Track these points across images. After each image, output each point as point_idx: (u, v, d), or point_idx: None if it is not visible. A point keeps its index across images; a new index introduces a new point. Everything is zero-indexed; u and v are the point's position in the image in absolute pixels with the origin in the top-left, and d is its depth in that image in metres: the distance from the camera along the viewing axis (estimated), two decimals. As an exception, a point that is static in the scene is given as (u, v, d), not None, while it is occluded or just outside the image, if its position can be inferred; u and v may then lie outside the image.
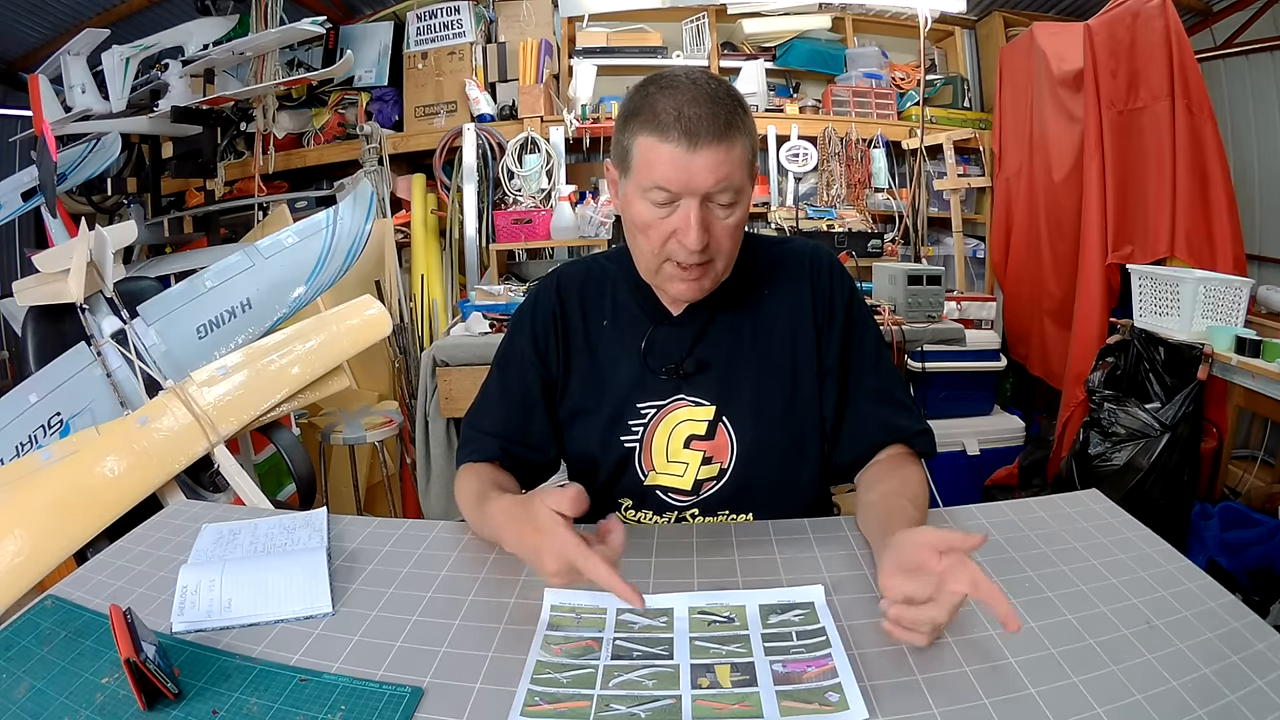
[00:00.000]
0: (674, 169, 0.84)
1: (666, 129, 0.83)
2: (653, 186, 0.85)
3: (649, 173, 0.85)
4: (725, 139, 0.83)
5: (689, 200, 0.85)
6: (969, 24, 3.96)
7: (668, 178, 0.84)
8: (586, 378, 1.01)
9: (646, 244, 0.90)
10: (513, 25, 3.64)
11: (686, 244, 0.86)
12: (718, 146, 0.83)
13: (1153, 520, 0.90)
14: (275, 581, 0.78)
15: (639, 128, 0.86)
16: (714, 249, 0.89)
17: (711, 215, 0.87)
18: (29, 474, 1.57)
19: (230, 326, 1.98)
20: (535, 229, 3.10)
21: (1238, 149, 3.29)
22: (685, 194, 0.85)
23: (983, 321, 3.05)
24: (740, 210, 0.89)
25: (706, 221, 0.86)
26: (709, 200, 0.86)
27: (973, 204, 3.94)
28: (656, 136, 0.84)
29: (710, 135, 0.82)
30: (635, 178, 0.88)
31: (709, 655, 0.67)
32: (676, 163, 0.83)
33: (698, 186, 0.84)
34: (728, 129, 0.83)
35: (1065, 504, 0.95)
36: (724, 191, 0.86)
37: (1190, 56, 2.61)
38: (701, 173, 0.83)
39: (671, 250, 0.88)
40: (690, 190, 0.84)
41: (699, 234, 0.85)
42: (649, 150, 0.85)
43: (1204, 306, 2.25)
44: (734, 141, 0.84)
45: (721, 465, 0.99)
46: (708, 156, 0.83)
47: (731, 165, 0.85)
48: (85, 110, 2.81)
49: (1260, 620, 0.70)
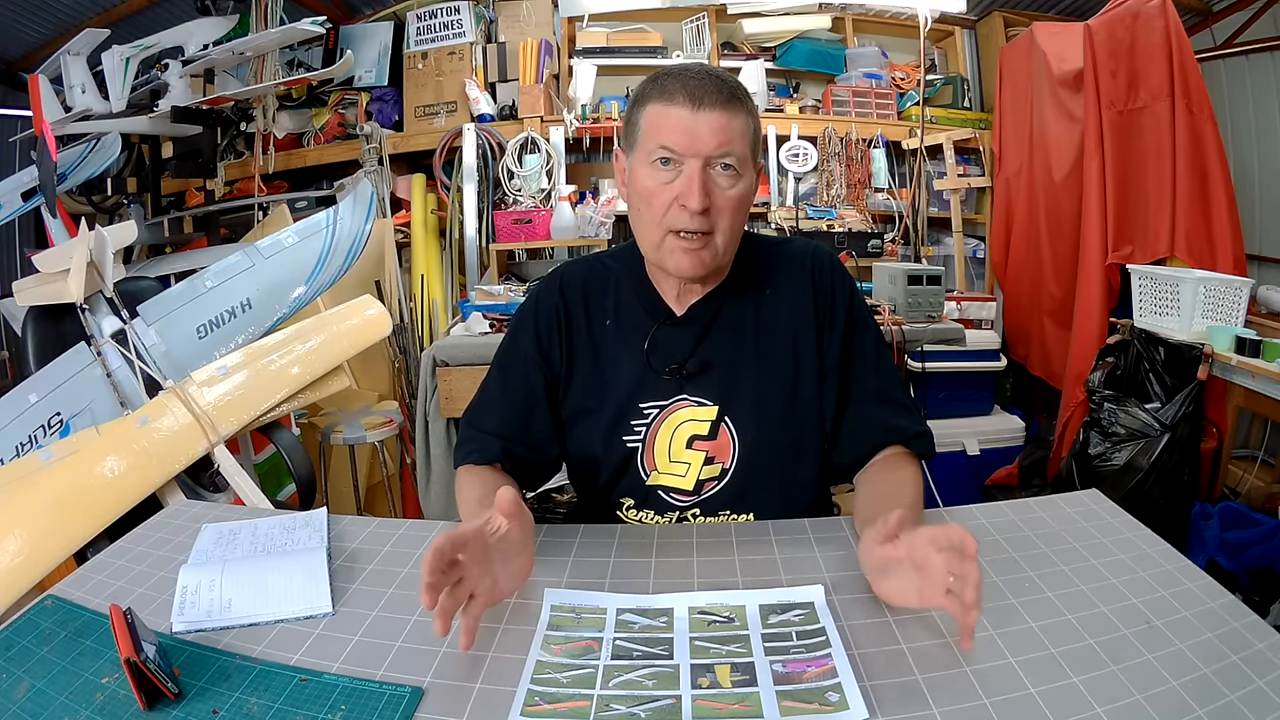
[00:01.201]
0: (679, 129, 0.88)
1: (673, 94, 0.89)
2: (657, 147, 0.90)
3: (655, 135, 0.90)
4: (729, 107, 0.88)
5: (692, 162, 0.89)
6: (969, 24, 3.96)
7: (673, 138, 0.89)
8: (589, 377, 1.01)
9: (650, 214, 0.93)
10: (513, 25, 3.64)
11: (689, 205, 0.89)
12: (721, 111, 0.88)
13: (1153, 520, 0.90)
14: (275, 581, 0.78)
15: (647, 100, 0.92)
16: (714, 217, 0.91)
17: (713, 182, 0.90)
18: (29, 474, 1.57)
19: (230, 326, 1.98)
20: (535, 229, 3.09)
21: (1238, 149, 3.29)
22: (689, 155, 0.89)
23: (983, 321, 3.05)
24: (743, 185, 0.92)
25: (708, 187, 0.89)
26: (711, 165, 0.89)
27: (973, 204, 3.93)
28: (664, 102, 0.89)
29: (715, 100, 0.88)
30: (642, 145, 0.92)
31: (709, 655, 0.67)
32: (682, 122, 0.88)
33: (701, 148, 0.88)
34: (731, 98, 0.89)
35: (1065, 504, 0.95)
36: (725, 156, 0.89)
37: (1190, 56, 2.61)
38: (705, 133, 0.88)
39: (674, 219, 0.91)
40: (693, 150, 0.88)
41: (700, 195, 0.88)
42: (656, 116, 0.90)
43: (1204, 306, 2.25)
44: (736, 111, 0.89)
45: (723, 465, 0.99)
46: (711, 119, 0.88)
47: (733, 132, 0.89)
48: (85, 110, 2.81)
49: (1260, 620, 0.70)
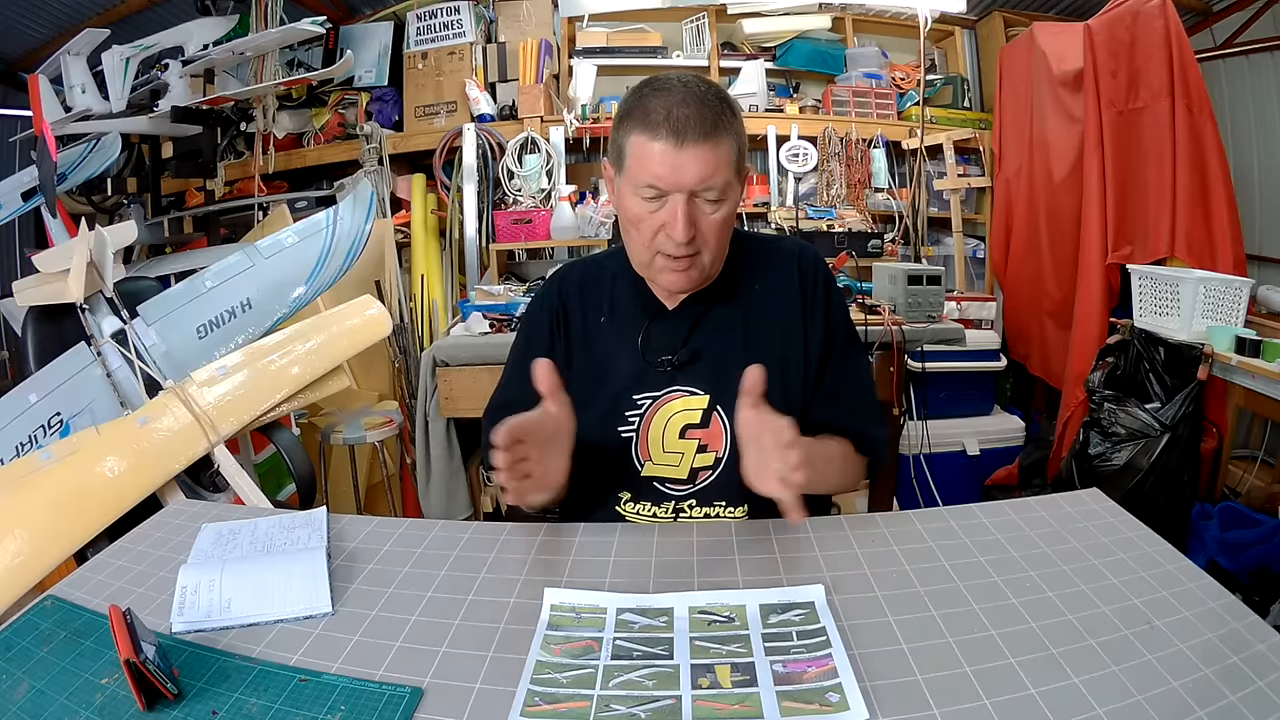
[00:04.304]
0: (663, 166, 0.89)
1: (656, 128, 0.89)
2: (643, 184, 0.91)
3: (640, 170, 0.91)
4: (711, 138, 0.89)
5: (677, 196, 0.90)
6: (969, 24, 3.96)
7: (657, 175, 0.90)
8: (584, 372, 1.05)
9: (639, 237, 0.96)
10: (513, 25, 3.64)
11: (674, 237, 0.91)
12: (704, 145, 0.89)
13: (1153, 520, 0.90)
14: (275, 581, 0.78)
15: (632, 127, 0.92)
16: (700, 242, 0.94)
17: (698, 210, 0.92)
18: (29, 474, 1.57)
19: (230, 326, 1.98)
20: (535, 229, 3.09)
21: (1238, 149, 3.29)
22: (673, 190, 0.90)
23: (983, 321, 3.05)
24: (727, 207, 0.94)
25: (693, 216, 0.91)
26: (696, 196, 0.91)
27: (973, 204, 3.93)
28: (647, 135, 0.90)
29: (697, 134, 0.88)
30: (628, 175, 0.94)
31: (709, 655, 0.67)
32: (665, 160, 0.89)
33: (684, 183, 0.90)
34: (714, 129, 0.89)
35: (1066, 503, 0.95)
36: (709, 189, 0.91)
37: (1190, 56, 2.61)
38: (688, 170, 0.89)
39: (661, 243, 0.94)
40: (678, 186, 0.90)
41: (685, 228, 0.90)
42: (640, 148, 0.91)
43: (1204, 306, 2.25)
44: (720, 141, 0.90)
45: (717, 454, 1.02)
46: (694, 154, 0.88)
47: (717, 163, 0.90)
48: (85, 110, 2.81)
49: (1260, 620, 0.70)
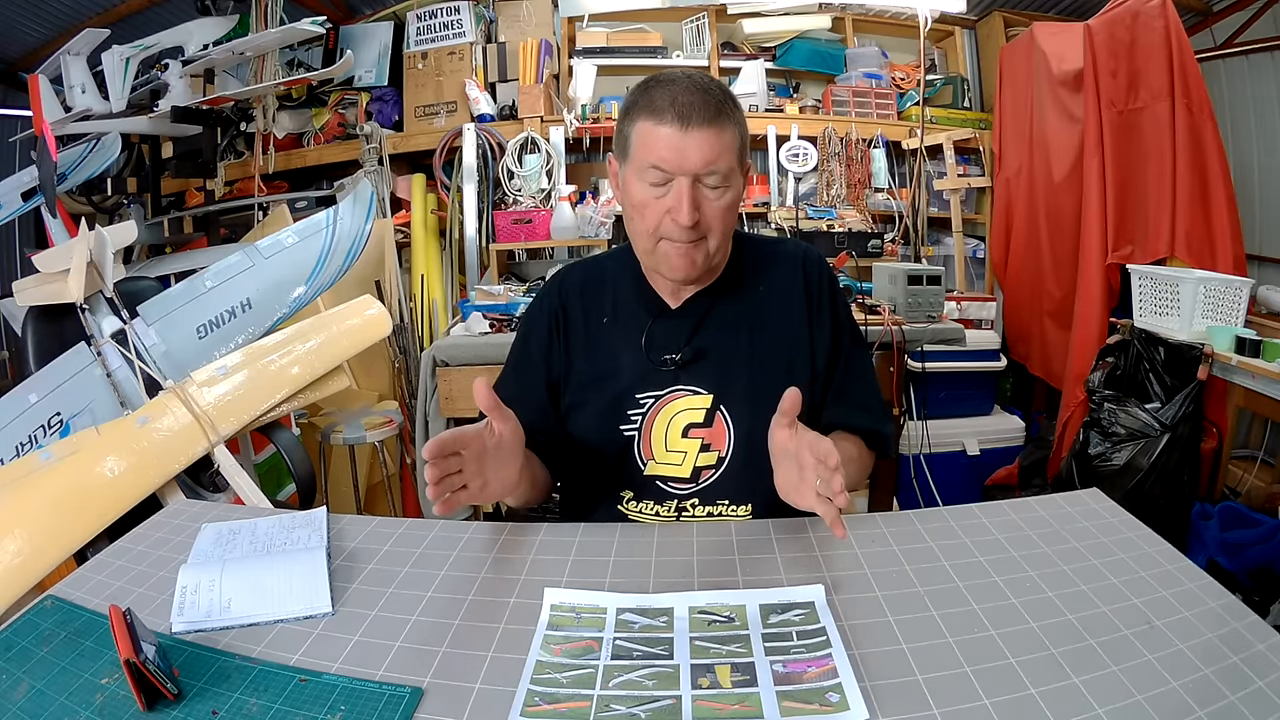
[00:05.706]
0: (668, 149, 0.91)
1: (662, 113, 0.91)
2: (648, 166, 0.92)
3: (646, 153, 0.93)
4: (715, 123, 0.91)
5: (681, 180, 0.92)
6: (969, 24, 3.96)
7: (662, 157, 0.91)
8: (586, 373, 1.05)
9: (643, 224, 0.96)
10: (513, 25, 3.64)
11: (679, 220, 0.92)
12: (709, 129, 0.90)
13: (1153, 520, 0.90)
14: (275, 581, 0.78)
15: (637, 115, 0.94)
16: (705, 227, 0.95)
17: (702, 195, 0.93)
18: (29, 474, 1.57)
19: (230, 326, 1.98)
20: (535, 229, 3.09)
21: (1238, 149, 3.29)
22: (678, 173, 0.92)
23: (983, 321, 3.05)
24: (730, 194, 0.95)
25: (697, 200, 0.93)
26: (700, 181, 0.93)
27: (973, 204, 3.93)
28: (653, 120, 0.92)
29: (702, 118, 0.90)
30: (634, 161, 0.95)
31: (709, 655, 0.67)
32: (671, 143, 0.91)
33: (689, 165, 0.91)
34: (718, 114, 0.91)
35: (1066, 503, 0.95)
36: (713, 173, 0.93)
37: (1190, 56, 2.61)
38: (693, 152, 0.90)
39: (666, 229, 0.95)
40: (682, 169, 0.91)
41: (690, 211, 0.92)
42: (646, 133, 0.93)
43: (1204, 306, 2.25)
44: (724, 126, 0.92)
45: (720, 453, 1.02)
46: (699, 137, 0.90)
47: (721, 148, 0.92)
48: (85, 110, 2.81)
49: (1260, 621, 0.70)
